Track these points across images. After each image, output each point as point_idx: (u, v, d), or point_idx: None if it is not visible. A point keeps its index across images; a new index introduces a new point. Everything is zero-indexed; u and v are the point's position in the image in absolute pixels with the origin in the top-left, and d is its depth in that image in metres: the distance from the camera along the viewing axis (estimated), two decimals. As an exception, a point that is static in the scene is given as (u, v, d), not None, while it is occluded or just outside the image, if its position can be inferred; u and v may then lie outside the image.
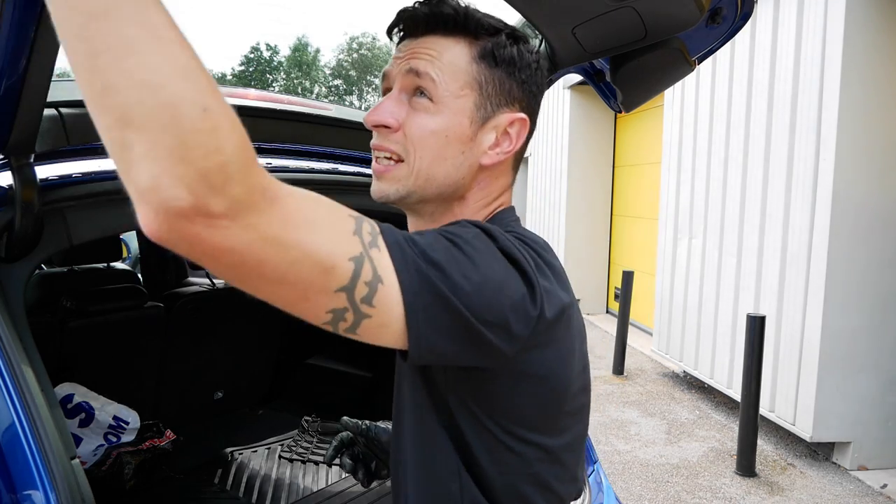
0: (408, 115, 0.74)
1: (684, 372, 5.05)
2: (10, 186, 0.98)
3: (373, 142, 0.76)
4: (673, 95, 5.05)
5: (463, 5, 0.75)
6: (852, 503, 3.03)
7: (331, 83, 34.21)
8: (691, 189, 4.79)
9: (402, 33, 0.77)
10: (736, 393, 4.02)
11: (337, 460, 1.02)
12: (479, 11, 0.76)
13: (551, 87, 1.52)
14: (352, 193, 1.65)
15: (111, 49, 0.38)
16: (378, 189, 0.76)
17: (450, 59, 0.73)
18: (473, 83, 0.74)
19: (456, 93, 0.74)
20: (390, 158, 0.74)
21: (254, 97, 1.42)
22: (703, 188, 4.60)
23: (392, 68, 0.76)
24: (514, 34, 0.76)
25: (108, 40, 0.38)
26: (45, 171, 1.08)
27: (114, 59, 0.38)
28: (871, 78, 3.19)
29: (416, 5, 0.75)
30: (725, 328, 4.29)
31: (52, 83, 0.87)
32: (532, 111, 0.80)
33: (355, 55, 33.57)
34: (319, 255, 0.49)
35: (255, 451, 2.13)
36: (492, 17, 0.77)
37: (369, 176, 0.81)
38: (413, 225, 0.81)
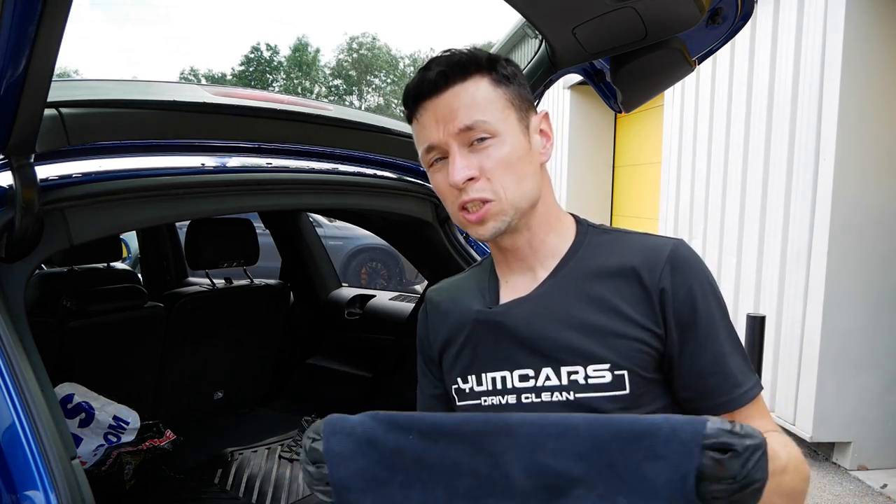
0: (479, 160, 0.84)
1: (684, 372, 5.04)
2: (10, 186, 0.98)
3: (461, 200, 0.86)
4: (673, 95, 5.04)
5: (460, 50, 0.87)
6: (852, 503, 3.03)
7: (331, 83, 34.20)
8: (691, 189, 4.79)
9: (420, 97, 0.87)
10: (736, 393, 4.01)
11: None
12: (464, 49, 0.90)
13: (551, 88, 1.52)
14: (352, 193, 1.65)
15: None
16: (487, 229, 0.87)
17: (482, 95, 0.85)
18: (507, 104, 0.87)
19: (503, 118, 0.86)
20: (482, 203, 0.85)
21: (254, 97, 1.42)
22: (703, 188, 4.60)
23: (436, 136, 0.85)
24: (494, 56, 0.89)
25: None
26: (45, 171, 1.08)
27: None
28: (871, 78, 3.19)
29: (427, 70, 0.86)
30: (725, 328, 4.28)
31: (52, 83, 0.87)
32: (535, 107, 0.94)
33: (355, 55, 33.55)
34: None
35: (255, 451, 2.14)
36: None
37: (369, 176, 0.83)
38: (511, 240, 0.90)
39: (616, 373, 0.83)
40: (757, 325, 3.31)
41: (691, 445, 0.56)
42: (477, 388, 0.92)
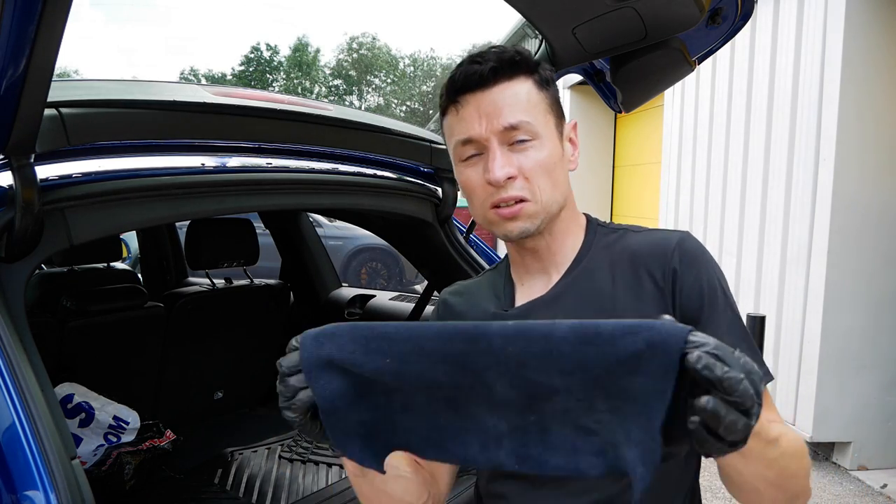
0: (519, 160, 0.84)
1: (684, 372, 5.04)
2: (10, 186, 0.97)
3: (496, 197, 0.84)
4: (673, 95, 5.04)
5: (509, 47, 0.86)
6: (852, 503, 3.03)
7: (331, 83, 34.20)
8: (691, 189, 4.79)
9: (465, 88, 0.85)
10: (736, 393, 4.01)
11: None
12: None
13: (551, 87, 1.52)
14: (352, 193, 1.65)
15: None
16: (516, 227, 0.86)
17: (527, 96, 0.85)
18: (549, 108, 0.87)
19: (545, 121, 0.86)
20: (518, 201, 0.84)
21: (254, 97, 1.42)
22: (703, 188, 4.60)
23: (477, 130, 0.84)
24: (539, 61, 0.88)
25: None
26: (45, 171, 1.08)
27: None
28: (871, 78, 3.19)
29: (477, 63, 0.84)
30: (725, 328, 4.28)
31: (52, 83, 0.87)
32: None
33: (355, 55, 33.54)
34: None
35: (255, 451, 2.14)
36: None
37: (369, 176, 0.83)
38: (534, 242, 0.90)
39: None
40: (757, 325, 3.31)
41: (673, 360, 0.55)
42: None
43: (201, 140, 1.37)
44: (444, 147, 1.75)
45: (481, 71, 0.83)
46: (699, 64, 1.39)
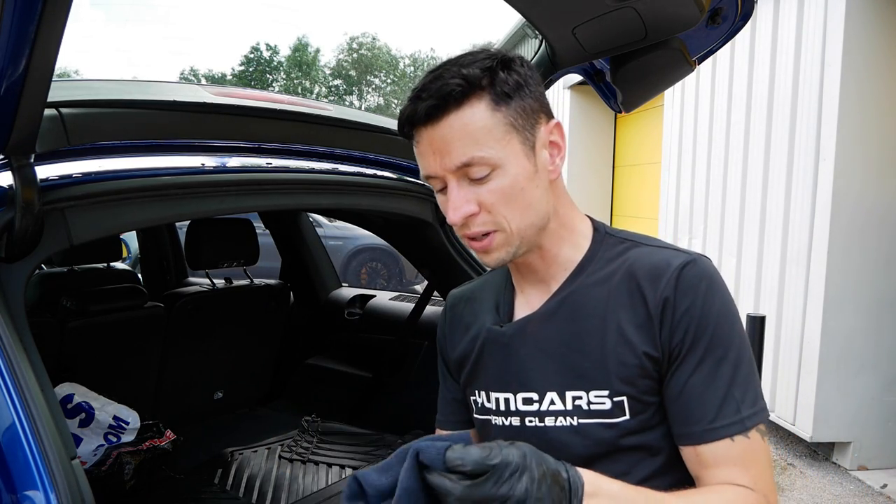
0: (479, 194, 0.80)
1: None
2: (10, 186, 0.97)
3: (462, 233, 0.83)
4: (673, 95, 5.04)
5: (455, 68, 0.78)
6: (852, 503, 3.03)
7: (331, 83, 34.21)
8: (691, 189, 4.79)
9: (413, 124, 0.81)
10: (736, 393, 4.01)
11: None
12: (466, 59, 0.80)
13: (551, 88, 1.52)
14: (351, 194, 1.65)
15: None
16: (493, 258, 0.83)
17: (479, 124, 0.78)
18: (508, 127, 0.79)
19: (502, 145, 0.78)
20: (486, 234, 0.81)
21: (254, 97, 1.42)
22: (703, 188, 4.60)
23: (433, 168, 0.81)
24: (502, 60, 0.80)
25: None
26: (45, 171, 1.08)
27: None
28: (871, 78, 3.19)
29: (418, 100, 0.79)
30: (725, 328, 4.27)
31: (52, 83, 0.87)
32: (550, 109, 0.86)
33: (355, 55, 33.56)
34: None
35: (255, 451, 2.13)
36: (475, 54, 0.81)
37: (369, 176, 0.83)
38: (522, 258, 0.86)
39: (615, 399, 0.81)
40: (757, 325, 3.30)
41: None
42: (486, 405, 0.92)
43: (201, 140, 1.37)
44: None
45: (420, 111, 0.78)
46: (699, 64, 1.39)
